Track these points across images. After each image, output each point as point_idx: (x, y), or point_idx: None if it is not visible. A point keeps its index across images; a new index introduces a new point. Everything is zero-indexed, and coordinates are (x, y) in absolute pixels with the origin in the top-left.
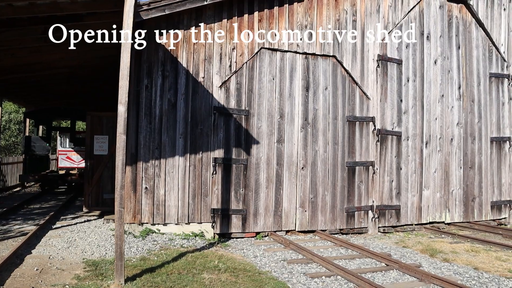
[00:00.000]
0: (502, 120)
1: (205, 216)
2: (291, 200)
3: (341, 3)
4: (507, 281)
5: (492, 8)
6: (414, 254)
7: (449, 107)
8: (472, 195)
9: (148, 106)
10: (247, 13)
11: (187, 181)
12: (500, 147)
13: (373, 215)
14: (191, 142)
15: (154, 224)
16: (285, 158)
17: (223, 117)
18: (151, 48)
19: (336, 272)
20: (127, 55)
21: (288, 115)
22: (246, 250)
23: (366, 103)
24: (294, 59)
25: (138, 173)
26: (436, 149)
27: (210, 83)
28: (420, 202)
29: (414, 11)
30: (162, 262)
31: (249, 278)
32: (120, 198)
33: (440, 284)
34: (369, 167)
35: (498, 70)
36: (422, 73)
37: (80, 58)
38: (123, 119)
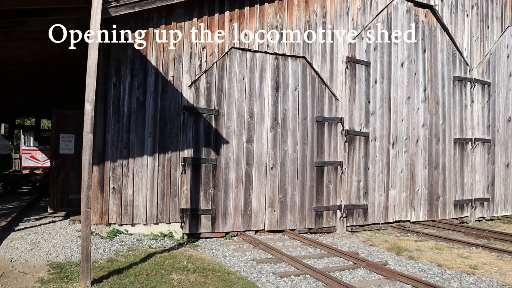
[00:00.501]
0: (465, 122)
1: (174, 216)
2: (261, 200)
3: (311, 4)
4: (468, 277)
5: (456, 14)
6: (381, 253)
7: (415, 109)
8: (436, 194)
9: (116, 104)
10: (217, 13)
11: (156, 181)
12: (463, 148)
13: (341, 215)
14: (160, 142)
15: (122, 224)
16: (254, 158)
17: (192, 116)
18: (120, 46)
19: (305, 271)
20: (95, 53)
21: (258, 115)
22: (216, 250)
23: (335, 104)
24: (264, 59)
25: (105, 173)
26: (403, 150)
27: (180, 82)
28: (387, 201)
29: (382, 14)
30: (130, 263)
31: (218, 278)
32: (86, 198)
33: (406, 281)
34: (338, 167)
35: (462, 73)
36: (390, 75)
37: (44, 54)
38: (90, 117)
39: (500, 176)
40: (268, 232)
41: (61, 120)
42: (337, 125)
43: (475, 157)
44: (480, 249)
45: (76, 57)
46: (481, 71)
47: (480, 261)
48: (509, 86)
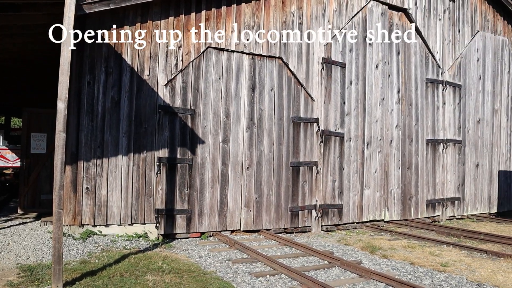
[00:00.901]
0: (437, 123)
1: (149, 216)
2: (236, 199)
3: (288, 5)
4: (439, 274)
5: (429, 17)
6: (355, 251)
7: (389, 110)
8: (409, 194)
9: (90, 103)
10: (194, 12)
11: (131, 181)
12: (435, 149)
13: (316, 214)
14: (135, 141)
15: (95, 225)
16: (230, 158)
17: (168, 116)
18: (94, 44)
19: (281, 270)
20: (68, 50)
21: (234, 115)
22: (191, 250)
23: (311, 105)
24: (241, 59)
25: (78, 173)
26: (377, 150)
27: (156, 81)
28: (361, 201)
29: (358, 16)
30: (103, 265)
31: (193, 278)
32: (58, 199)
33: (379, 280)
34: (313, 167)
35: (434, 76)
36: (365, 77)
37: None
38: (62, 116)
39: (470, 176)
40: (244, 232)
41: (33, 118)
42: (312, 125)
43: (447, 157)
44: (451, 247)
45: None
46: (453, 74)
47: (450, 259)
48: (479, 89)
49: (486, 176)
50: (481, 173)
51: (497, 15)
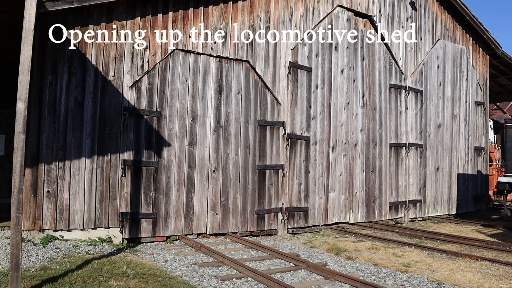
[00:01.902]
0: (400, 127)
1: (113, 220)
2: (203, 203)
3: (255, 9)
4: (402, 275)
5: (393, 25)
6: (321, 254)
7: (353, 114)
8: (373, 196)
9: (52, 104)
10: (161, 13)
11: (94, 184)
12: (397, 152)
13: (282, 217)
14: (99, 143)
15: (57, 230)
16: (196, 161)
17: (133, 118)
18: (57, 42)
19: (247, 273)
20: (29, 48)
21: (201, 118)
22: (156, 254)
23: (277, 108)
24: (208, 62)
25: (39, 176)
26: (342, 154)
27: (121, 82)
28: (327, 203)
29: (324, 22)
30: (65, 271)
31: (159, 283)
32: (17, 203)
33: (344, 281)
34: (279, 170)
35: (397, 81)
36: (330, 81)
37: None
38: (22, 117)
39: (431, 179)
40: (210, 235)
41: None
42: (279, 129)
43: (409, 161)
44: (413, 248)
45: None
46: (415, 79)
47: (412, 259)
48: (439, 95)
49: (446, 179)
50: (441, 176)
51: (456, 25)
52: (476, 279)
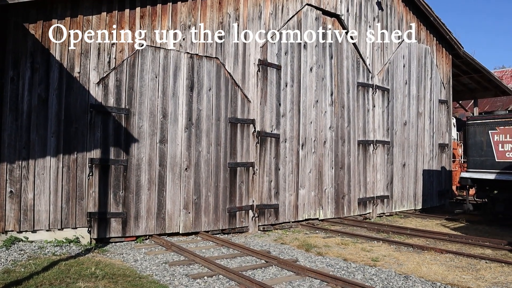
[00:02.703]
0: (368, 125)
1: (81, 220)
2: (175, 202)
3: (224, 6)
4: (370, 269)
5: (360, 24)
6: (291, 250)
7: (322, 112)
8: (342, 193)
9: (14, 100)
10: (128, 8)
11: (60, 183)
12: (365, 149)
13: (253, 214)
14: (64, 142)
15: (21, 231)
16: (168, 158)
17: (101, 115)
18: (18, 37)
19: (218, 271)
20: None
21: (172, 115)
22: (126, 254)
23: (247, 106)
24: (179, 57)
25: (1, 176)
26: (311, 151)
27: (87, 79)
28: (297, 200)
29: (293, 20)
30: (30, 273)
31: (129, 283)
32: None
33: (315, 276)
34: (250, 168)
35: (365, 80)
36: (299, 79)
37: None
38: None
39: (398, 175)
40: (183, 234)
41: None
42: (249, 126)
43: (376, 158)
44: (381, 243)
45: None
46: (382, 78)
47: (380, 254)
48: (405, 93)
49: (412, 175)
50: (407, 172)
51: (421, 25)
52: (441, 271)
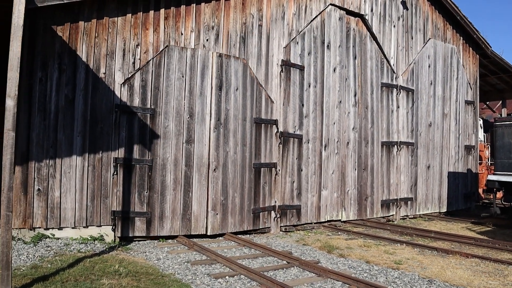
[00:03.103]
0: (391, 126)
1: (105, 218)
2: (201, 203)
3: (248, 7)
4: (393, 272)
5: (384, 24)
6: (313, 251)
7: (346, 113)
8: (365, 194)
9: (42, 101)
10: (153, 10)
11: (86, 182)
12: (389, 151)
13: (275, 215)
14: (90, 141)
15: (48, 228)
16: (194, 159)
17: (126, 115)
18: (47, 39)
19: (240, 271)
20: (18, 44)
21: (199, 115)
22: (149, 253)
23: (271, 106)
24: (207, 56)
25: (29, 174)
26: (334, 152)
27: (112, 79)
28: (319, 201)
29: (316, 20)
30: (56, 269)
31: (151, 281)
32: (7, 201)
33: (336, 278)
34: (272, 169)
35: (389, 80)
36: (323, 80)
37: None
38: (12, 114)
39: (422, 177)
40: (210, 236)
41: None
42: (272, 126)
43: (400, 159)
44: (404, 246)
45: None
46: (406, 78)
47: (404, 257)
48: (430, 94)
49: (436, 177)
50: (432, 174)
51: (447, 24)
52: (466, 276)
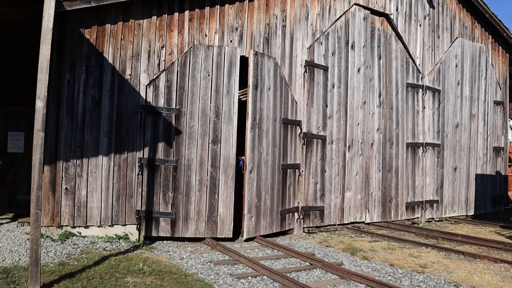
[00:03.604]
0: (417, 127)
1: (130, 218)
2: (228, 205)
3: (271, 8)
4: (418, 275)
5: (410, 23)
6: (336, 253)
7: (370, 114)
8: (389, 196)
9: (70, 102)
10: (177, 12)
11: (111, 181)
12: (414, 152)
13: (298, 216)
14: (116, 141)
15: (74, 226)
16: (221, 160)
17: (151, 116)
18: (75, 42)
19: (262, 272)
20: (47, 47)
21: (225, 114)
22: (172, 252)
23: (295, 107)
24: (234, 54)
25: (57, 173)
26: (358, 153)
27: (138, 81)
28: (343, 203)
29: (340, 20)
30: (82, 267)
31: (175, 280)
32: (36, 199)
33: (360, 281)
34: (296, 170)
35: (414, 80)
36: (347, 80)
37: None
38: (41, 115)
39: (449, 179)
40: (245, 240)
41: (10, 117)
42: (296, 127)
43: (426, 161)
44: (430, 249)
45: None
46: (432, 78)
47: (429, 260)
48: (457, 94)
49: (463, 179)
50: (459, 176)
51: (475, 23)
52: (494, 282)
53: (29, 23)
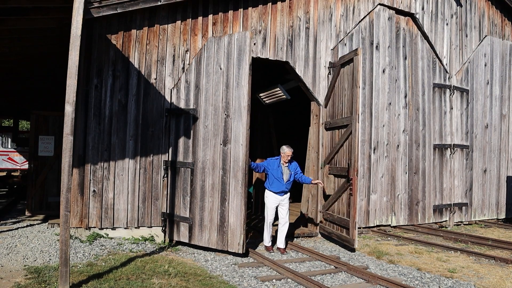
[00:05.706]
0: (444, 128)
1: (156, 220)
2: (238, 214)
3: (294, 10)
4: (447, 280)
5: (436, 22)
6: (361, 257)
7: (396, 115)
8: (416, 199)
9: (97, 106)
10: (201, 16)
11: (137, 184)
12: (442, 154)
13: (321, 220)
14: (141, 145)
15: (102, 228)
16: (231, 162)
17: (174, 118)
18: (102, 47)
19: (287, 275)
20: (76, 53)
21: (236, 110)
22: (197, 254)
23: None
24: (243, 38)
25: (86, 176)
26: (384, 155)
27: (163, 85)
28: (368, 206)
29: (365, 21)
30: (110, 268)
31: (199, 282)
32: (66, 201)
33: (386, 285)
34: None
35: (441, 81)
36: (371, 81)
37: (24, 53)
38: (70, 119)
39: (478, 182)
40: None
41: (41, 121)
42: None
43: (454, 162)
44: (459, 253)
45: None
46: (460, 78)
47: (458, 265)
48: (486, 94)
49: (494, 182)
50: (489, 178)
51: (505, 20)
52: None
53: (60, 30)
